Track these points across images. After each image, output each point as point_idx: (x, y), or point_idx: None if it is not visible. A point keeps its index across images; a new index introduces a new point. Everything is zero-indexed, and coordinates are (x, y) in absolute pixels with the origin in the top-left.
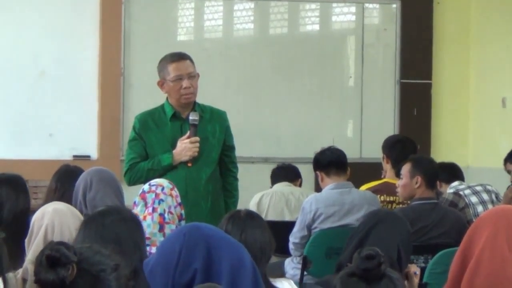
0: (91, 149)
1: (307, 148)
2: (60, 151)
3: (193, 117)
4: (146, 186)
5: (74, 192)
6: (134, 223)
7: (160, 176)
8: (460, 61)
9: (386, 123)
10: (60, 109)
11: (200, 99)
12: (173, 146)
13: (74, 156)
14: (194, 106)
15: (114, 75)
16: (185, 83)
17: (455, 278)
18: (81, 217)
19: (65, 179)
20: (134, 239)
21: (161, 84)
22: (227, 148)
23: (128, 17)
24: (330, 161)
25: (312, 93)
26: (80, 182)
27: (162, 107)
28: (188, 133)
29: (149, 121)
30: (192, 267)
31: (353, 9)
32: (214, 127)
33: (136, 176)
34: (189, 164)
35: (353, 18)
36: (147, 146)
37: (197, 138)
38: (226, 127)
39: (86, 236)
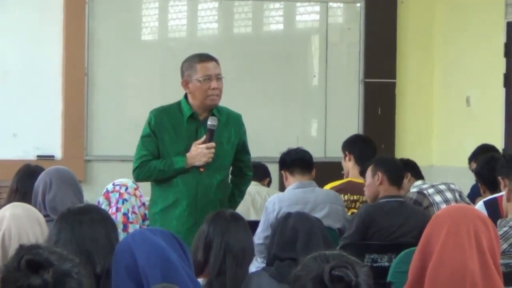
0: (55, 149)
1: (271, 147)
2: (24, 151)
3: (211, 122)
4: (110, 186)
5: (34, 193)
6: (111, 223)
7: (170, 179)
8: (424, 60)
9: (351, 122)
10: (23, 109)
11: (164, 99)
12: (187, 148)
13: (38, 156)
14: (213, 109)
15: (78, 75)
16: (213, 83)
17: (416, 276)
18: (40, 218)
19: (25, 180)
20: (110, 239)
21: (185, 83)
22: (242, 153)
23: (92, 16)
24: (294, 160)
25: (276, 92)
26: (39, 183)
27: (178, 105)
28: (204, 138)
29: (164, 119)
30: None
31: (317, 8)
32: (230, 132)
33: (146, 175)
34: (202, 169)
35: (317, 17)
36: (160, 144)
37: (213, 144)
38: (242, 132)
39: (61, 231)
